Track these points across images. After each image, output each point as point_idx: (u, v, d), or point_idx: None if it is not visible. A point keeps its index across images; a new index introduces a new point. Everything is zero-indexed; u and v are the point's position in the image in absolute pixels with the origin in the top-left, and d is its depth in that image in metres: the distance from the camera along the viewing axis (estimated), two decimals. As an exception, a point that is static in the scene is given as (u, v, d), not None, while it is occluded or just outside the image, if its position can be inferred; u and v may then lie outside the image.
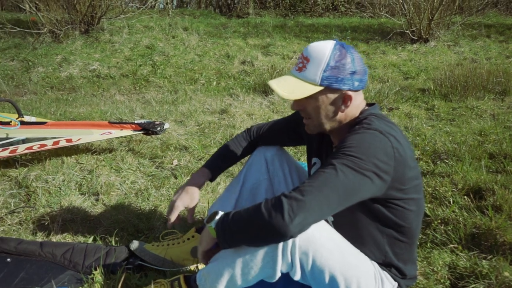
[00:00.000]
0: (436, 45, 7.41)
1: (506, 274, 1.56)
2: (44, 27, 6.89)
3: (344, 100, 1.32)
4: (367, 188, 1.19)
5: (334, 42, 1.30)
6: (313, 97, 1.31)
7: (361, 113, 1.37)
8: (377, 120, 1.29)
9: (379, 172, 1.19)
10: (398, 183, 1.26)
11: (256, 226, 1.16)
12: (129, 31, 7.74)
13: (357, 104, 1.36)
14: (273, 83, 1.31)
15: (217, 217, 1.28)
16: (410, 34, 7.45)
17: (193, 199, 1.60)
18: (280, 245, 1.21)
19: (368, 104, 1.42)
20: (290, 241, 1.21)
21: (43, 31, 6.89)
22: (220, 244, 1.28)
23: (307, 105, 1.34)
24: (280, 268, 1.25)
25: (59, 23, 6.99)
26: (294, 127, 1.67)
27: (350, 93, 1.31)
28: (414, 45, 7.35)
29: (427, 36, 7.44)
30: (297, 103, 1.36)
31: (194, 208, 1.62)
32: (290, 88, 1.29)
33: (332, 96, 1.31)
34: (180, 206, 1.58)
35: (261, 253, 1.23)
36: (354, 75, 1.30)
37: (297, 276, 1.28)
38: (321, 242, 1.23)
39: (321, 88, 1.28)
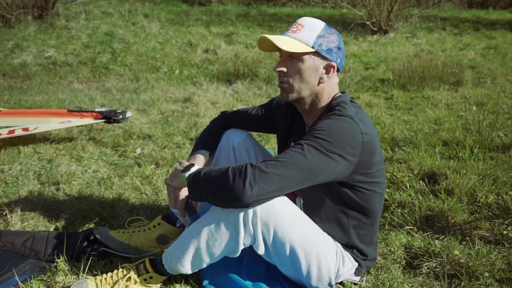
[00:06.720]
0: (395, 36, 7.62)
1: (456, 252, 1.67)
2: (-7, 11, 6.54)
3: (327, 70, 1.40)
4: (332, 170, 1.26)
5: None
6: (301, 59, 1.38)
7: (334, 99, 1.44)
8: (348, 107, 1.37)
9: (345, 155, 1.26)
10: (363, 168, 1.33)
11: (220, 186, 1.22)
12: (87, 17, 7.46)
13: (333, 83, 1.44)
14: (269, 36, 1.36)
15: (192, 169, 1.34)
16: (371, 25, 7.62)
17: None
18: (241, 215, 1.26)
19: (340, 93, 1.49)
20: (251, 212, 1.26)
21: (-8, 15, 6.54)
22: (190, 194, 1.33)
23: (293, 65, 1.40)
24: (242, 240, 1.30)
25: (10, 7, 6.64)
26: (269, 113, 1.71)
27: (334, 64, 1.39)
28: (374, 36, 7.53)
29: (386, 28, 7.64)
30: (283, 62, 1.41)
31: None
32: (286, 43, 1.36)
33: (319, 62, 1.39)
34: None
35: (224, 223, 1.29)
36: (339, 51, 1.41)
37: (260, 250, 1.33)
38: (281, 214, 1.30)
39: (312, 50, 1.36)
